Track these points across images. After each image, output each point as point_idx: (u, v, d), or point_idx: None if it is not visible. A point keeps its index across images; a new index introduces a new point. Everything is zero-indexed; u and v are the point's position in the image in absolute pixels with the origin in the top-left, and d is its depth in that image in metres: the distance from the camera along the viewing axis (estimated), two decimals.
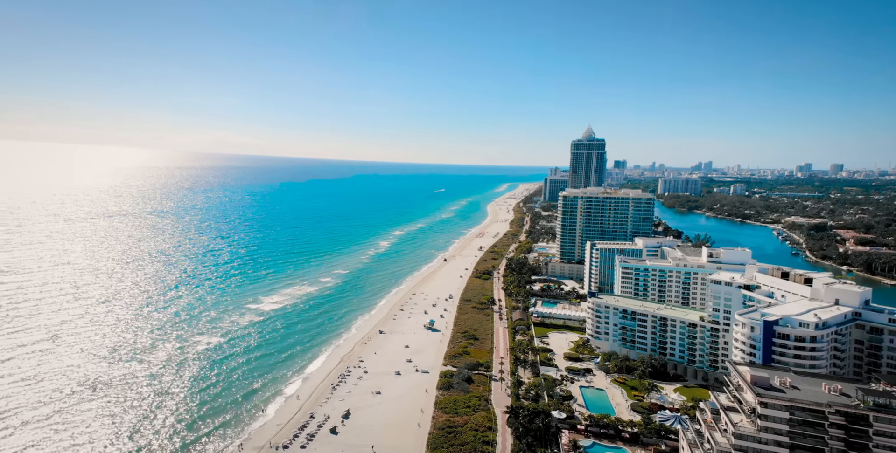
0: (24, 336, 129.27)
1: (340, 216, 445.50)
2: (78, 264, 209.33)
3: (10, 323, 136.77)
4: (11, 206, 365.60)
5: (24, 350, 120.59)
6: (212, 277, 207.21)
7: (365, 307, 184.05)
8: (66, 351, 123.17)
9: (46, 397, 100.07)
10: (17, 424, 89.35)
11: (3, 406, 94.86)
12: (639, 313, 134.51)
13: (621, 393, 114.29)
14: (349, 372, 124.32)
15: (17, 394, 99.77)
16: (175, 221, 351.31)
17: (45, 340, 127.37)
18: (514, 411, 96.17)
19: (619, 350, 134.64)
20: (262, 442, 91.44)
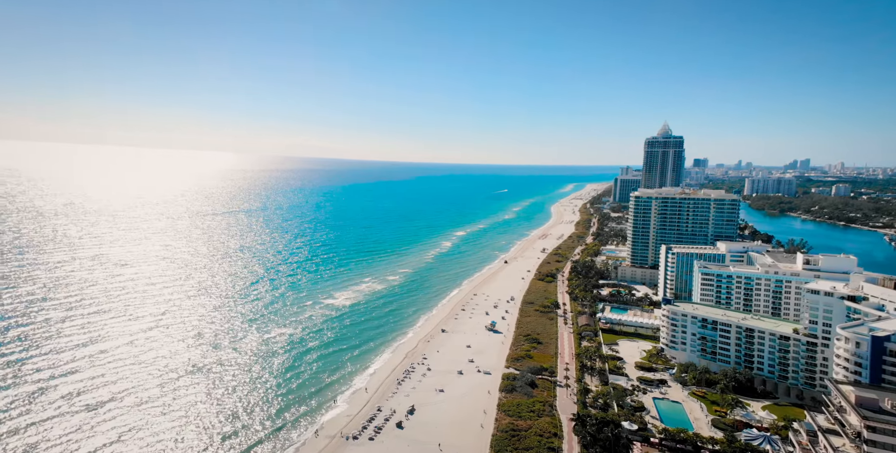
0: (135, 324, 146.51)
1: (406, 216, 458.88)
2: (177, 259, 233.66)
3: (124, 311, 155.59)
4: (124, 206, 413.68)
5: (135, 336, 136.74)
6: (290, 273, 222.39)
7: (428, 306, 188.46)
8: (168, 338, 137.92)
9: (154, 380, 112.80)
10: (131, 404, 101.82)
11: (121, 387, 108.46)
12: (721, 323, 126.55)
13: (700, 407, 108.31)
14: (413, 368, 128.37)
15: (131, 376, 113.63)
16: (259, 220, 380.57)
17: (152, 328, 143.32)
18: (581, 419, 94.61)
19: (697, 361, 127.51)
20: (334, 432, 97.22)
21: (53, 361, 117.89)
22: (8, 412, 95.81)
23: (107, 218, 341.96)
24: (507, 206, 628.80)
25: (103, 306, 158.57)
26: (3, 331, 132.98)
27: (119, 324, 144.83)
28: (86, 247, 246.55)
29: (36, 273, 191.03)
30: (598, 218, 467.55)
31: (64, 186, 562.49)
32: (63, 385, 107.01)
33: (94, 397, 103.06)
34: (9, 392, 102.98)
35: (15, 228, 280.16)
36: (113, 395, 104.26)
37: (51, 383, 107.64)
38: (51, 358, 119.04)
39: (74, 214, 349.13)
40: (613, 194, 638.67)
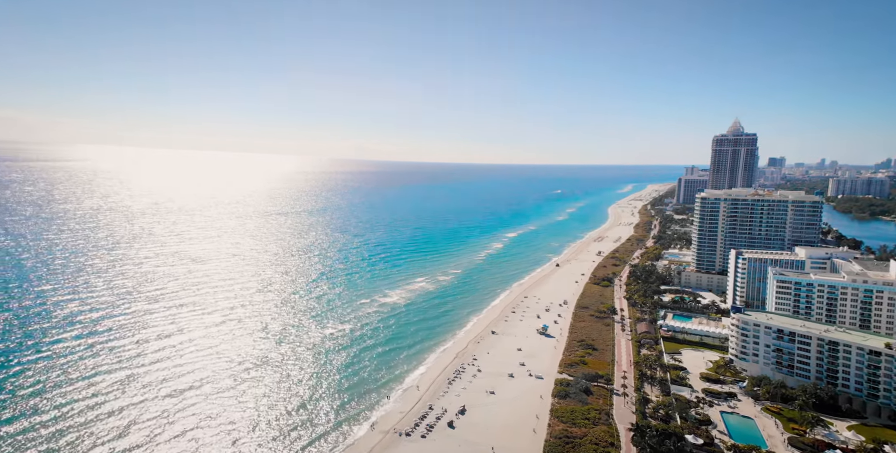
0: (209, 317, 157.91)
1: (458, 217, 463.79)
2: (245, 256, 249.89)
3: (200, 305, 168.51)
4: (199, 206, 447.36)
5: (209, 329, 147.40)
6: (347, 271, 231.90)
7: (478, 307, 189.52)
8: (238, 331, 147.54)
9: (227, 371, 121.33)
10: (208, 392, 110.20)
11: (199, 376, 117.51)
12: (800, 335, 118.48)
13: (775, 424, 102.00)
14: (463, 369, 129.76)
15: (208, 367, 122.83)
16: (318, 220, 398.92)
17: (224, 322, 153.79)
18: (640, 429, 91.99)
19: (772, 375, 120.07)
20: (388, 427, 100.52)
21: (141, 350, 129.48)
22: (106, 395, 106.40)
23: (185, 217, 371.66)
24: (560, 208, 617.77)
25: (182, 299, 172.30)
26: (99, 320, 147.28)
27: (195, 316, 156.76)
28: (168, 243, 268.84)
29: (126, 267, 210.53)
30: (659, 220, 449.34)
31: (149, 187, 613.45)
32: (149, 373, 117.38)
33: (176, 385, 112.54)
34: (105, 376, 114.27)
35: (109, 226, 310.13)
36: (191, 384, 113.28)
37: (139, 370, 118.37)
38: (139, 348, 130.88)
39: (158, 213, 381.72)
40: (676, 195, 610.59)
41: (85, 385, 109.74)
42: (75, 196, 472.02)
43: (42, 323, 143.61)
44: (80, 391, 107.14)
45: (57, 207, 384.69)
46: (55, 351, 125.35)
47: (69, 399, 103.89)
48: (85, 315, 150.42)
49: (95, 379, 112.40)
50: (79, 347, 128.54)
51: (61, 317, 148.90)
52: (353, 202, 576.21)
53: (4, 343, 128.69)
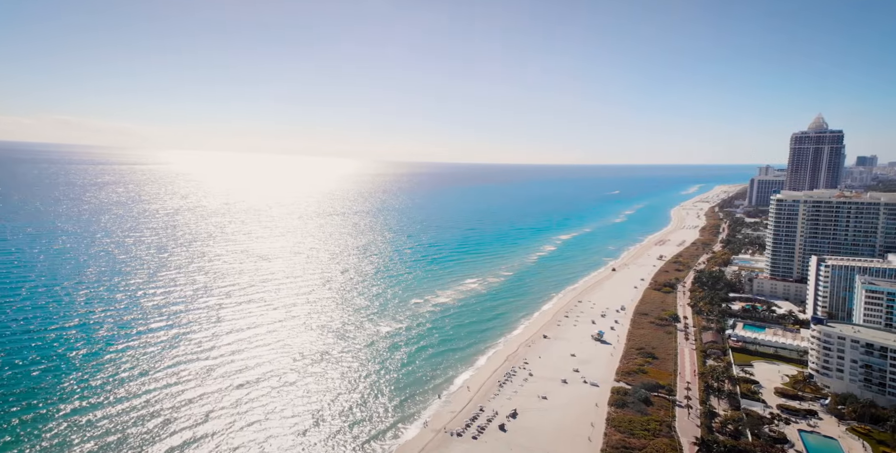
0: (274, 312, 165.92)
1: (509, 219, 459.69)
2: (306, 254, 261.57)
3: (265, 300, 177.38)
4: (265, 206, 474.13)
5: (274, 324, 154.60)
6: (399, 270, 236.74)
7: (529, 309, 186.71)
8: (300, 327, 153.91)
9: (291, 365, 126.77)
10: (276, 385, 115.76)
11: (266, 369, 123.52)
12: (892, 350, 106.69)
13: (863, 446, 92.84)
14: (514, 372, 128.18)
15: (274, 361, 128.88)
16: (373, 220, 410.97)
17: (287, 318, 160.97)
18: (706, 444, 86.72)
19: (859, 392, 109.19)
20: (439, 426, 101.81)
21: (215, 342, 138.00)
22: (187, 383, 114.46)
23: (253, 216, 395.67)
24: (617, 209, 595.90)
25: (251, 295, 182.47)
26: (180, 313, 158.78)
27: (262, 311, 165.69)
28: (238, 241, 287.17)
29: (201, 263, 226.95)
30: (728, 223, 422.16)
31: (221, 189, 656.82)
32: (223, 364, 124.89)
33: (247, 377, 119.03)
34: (186, 366, 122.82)
35: (186, 224, 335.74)
36: (259, 377, 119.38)
37: (215, 361, 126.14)
38: (213, 340, 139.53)
39: (229, 213, 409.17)
40: (748, 197, 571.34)
41: (169, 373, 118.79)
42: (159, 197, 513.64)
43: (133, 313, 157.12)
44: (166, 378, 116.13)
45: (143, 207, 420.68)
46: (144, 340, 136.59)
47: (157, 385, 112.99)
48: (168, 308, 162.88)
49: (178, 368, 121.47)
50: (163, 337, 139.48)
51: (149, 308, 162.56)
52: (405, 203, 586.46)
53: (103, 331, 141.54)
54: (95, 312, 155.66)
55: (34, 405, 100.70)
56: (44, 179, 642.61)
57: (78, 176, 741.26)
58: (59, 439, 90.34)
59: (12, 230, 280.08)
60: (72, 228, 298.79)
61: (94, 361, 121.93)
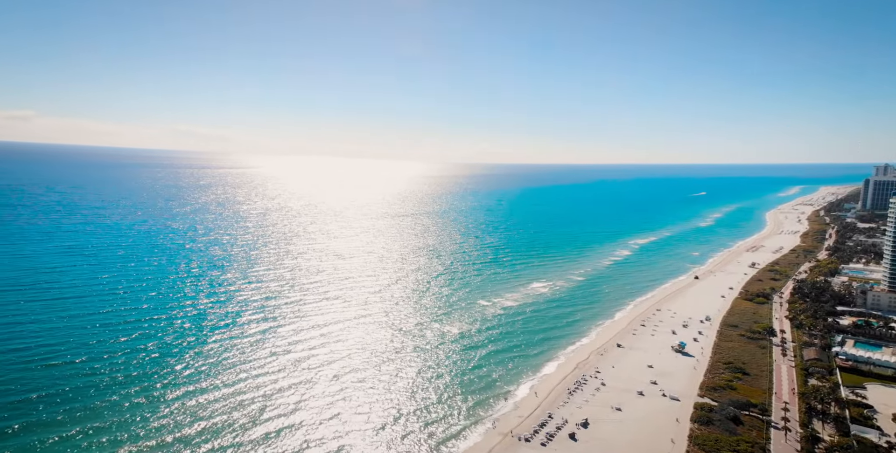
0: (348, 309, 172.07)
1: (580, 221, 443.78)
2: (377, 254, 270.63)
3: (342, 299, 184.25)
4: (341, 208, 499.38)
5: (349, 321, 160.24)
6: (465, 271, 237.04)
7: (601, 316, 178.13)
8: (373, 325, 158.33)
9: (368, 362, 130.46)
10: (355, 380, 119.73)
11: (346, 365, 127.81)
12: None
13: None
14: (585, 380, 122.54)
15: (353, 356, 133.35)
16: (439, 222, 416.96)
17: (361, 316, 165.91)
18: None
19: None
20: (506, 430, 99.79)
21: (299, 337, 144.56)
22: (275, 374, 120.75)
23: (331, 217, 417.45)
24: (703, 212, 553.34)
25: (328, 292, 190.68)
26: (267, 308, 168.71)
27: (338, 308, 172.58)
28: (318, 240, 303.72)
29: (285, 260, 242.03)
30: (836, 228, 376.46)
31: (304, 191, 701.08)
32: (307, 358, 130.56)
33: (329, 371, 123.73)
34: (274, 358, 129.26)
35: (273, 224, 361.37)
36: (338, 372, 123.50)
37: (300, 355, 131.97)
38: (297, 335, 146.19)
39: (311, 213, 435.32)
40: (862, 199, 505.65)
41: (262, 363, 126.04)
42: (250, 198, 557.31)
43: (230, 305, 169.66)
44: (259, 368, 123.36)
45: (238, 207, 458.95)
46: (238, 331, 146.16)
47: (251, 373, 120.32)
48: (258, 302, 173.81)
49: (269, 359, 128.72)
50: (255, 329, 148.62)
51: (242, 301, 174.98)
52: (473, 205, 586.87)
53: (205, 321, 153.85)
54: (198, 303, 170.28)
55: (149, 387, 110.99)
56: (157, 182, 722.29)
57: (184, 179, 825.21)
58: (170, 420, 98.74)
59: (130, 227, 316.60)
60: (178, 226, 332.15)
61: (197, 349, 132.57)
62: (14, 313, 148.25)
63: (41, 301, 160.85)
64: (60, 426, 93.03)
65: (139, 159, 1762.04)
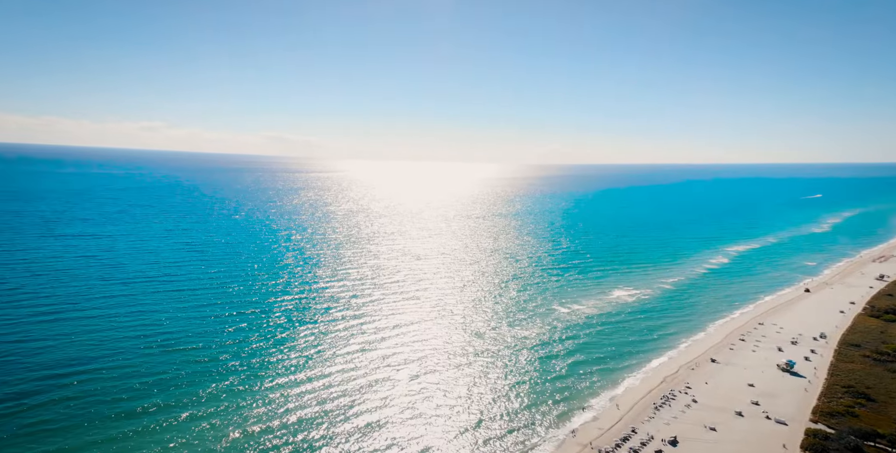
0: (422, 309, 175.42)
1: (667, 225, 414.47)
2: (450, 255, 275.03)
3: (419, 299, 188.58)
4: (417, 209, 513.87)
5: (424, 321, 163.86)
6: (538, 275, 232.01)
7: (692, 328, 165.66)
8: (449, 326, 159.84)
9: (449, 362, 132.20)
10: (435, 381, 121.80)
11: (425, 365, 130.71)
12: None
13: None
14: (674, 395, 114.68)
15: (430, 356, 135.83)
16: (512, 224, 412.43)
17: (436, 317, 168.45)
18: None
19: None
20: (585, 441, 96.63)
21: (381, 335, 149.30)
22: (362, 370, 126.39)
23: (408, 218, 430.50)
24: (818, 216, 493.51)
25: (406, 292, 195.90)
26: (351, 306, 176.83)
27: (415, 308, 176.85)
28: (397, 241, 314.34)
29: (365, 260, 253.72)
30: None
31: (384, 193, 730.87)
32: (389, 355, 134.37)
33: (411, 370, 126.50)
34: (359, 355, 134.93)
35: (357, 225, 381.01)
36: (418, 372, 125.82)
37: (382, 352, 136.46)
38: (378, 333, 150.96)
39: (390, 215, 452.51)
40: None
41: (349, 358, 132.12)
42: (336, 200, 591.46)
43: (318, 302, 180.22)
44: (346, 363, 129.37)
45: (325, 209, 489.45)
46: (325, 328, 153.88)
47: (339, 368, 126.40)
48: (344, 300, 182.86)
49: (354, 355, 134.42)
50: (341, 326, 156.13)
51: (329, 298, 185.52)
52: (546, 207, 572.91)
53: (297, 315, 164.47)
54: (293, 298, 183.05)
55: (252, 376, 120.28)
56: (258, 185, 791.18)
57: (279, 182, 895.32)
58: (270, 408, 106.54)
59: (235, 225, 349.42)
60: (275, 225, 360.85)
61: (292, 341, 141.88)
62: (141, 302, 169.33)
63: (162, 292, 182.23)
64: (174, 409, 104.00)
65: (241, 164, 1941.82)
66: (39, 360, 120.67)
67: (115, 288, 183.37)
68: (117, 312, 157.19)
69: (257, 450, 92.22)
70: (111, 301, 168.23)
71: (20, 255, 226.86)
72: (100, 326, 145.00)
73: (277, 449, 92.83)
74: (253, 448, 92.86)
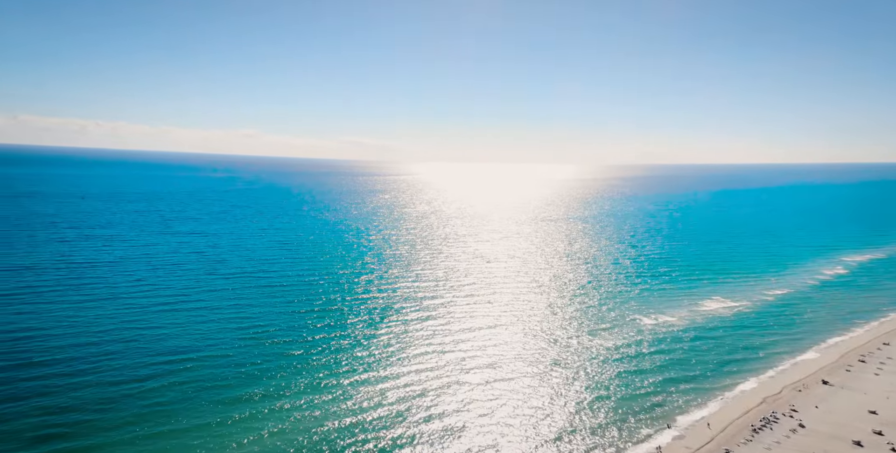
0: (501, 315, 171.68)
1: (770, 231, 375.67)
2: (520, 258, 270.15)
3: (491, 302, 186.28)
4: (488, 212, 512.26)
5: (500, 328, 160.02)
6: (617, 282, 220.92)
7: (800, 345, 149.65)
8: (520, 331, 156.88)
9: (524, 369, 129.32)
10: (509, 388, 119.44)
11: (496, 371, 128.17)
12: None
13: None
14: (776, 418, 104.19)
15: (503, 363, 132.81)
16: (589, 227, 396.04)
17: (513, 322, 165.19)
18: None
19: None
20: None
21: (453, 338, 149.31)
22: (437, 371, 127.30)
23: (479, 221, 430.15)
24: None
25: (478, 296, 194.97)
26: (422, 308, 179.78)
27: (485, 311, 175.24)
28: (467, 243, 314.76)
29: (440, 261, 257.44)
30: None
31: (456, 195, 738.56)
32: (462, 360, 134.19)
33: (483, 376, 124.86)
34: (433, 356, 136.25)
35: (430, 226, 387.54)
36: (490, 378, 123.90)
37: (454, 355, 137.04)
38: (451, 336, 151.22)
39: (462, 217, 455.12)
40: None
41: (422, 359, 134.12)
42: (411, 202, 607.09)
43: (394, 301, 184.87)
44: (420, 363, 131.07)
45: (400, 211, 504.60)
46: (402, 328, 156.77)
47: (414, 368, 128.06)
48: (417, 301, 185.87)
49: (429, 356, 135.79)
50: (415, 327, 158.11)
51: (402, 297, 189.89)
52: (629, 210, 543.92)
53: (376, 314, 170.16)
54: (371, 296, 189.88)
55: (335, 372, 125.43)
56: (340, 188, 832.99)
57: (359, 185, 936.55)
58: (352, 404, 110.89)
59: (321, 225, 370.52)
60: (355, 225, 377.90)
61: (371, 340, 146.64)
62: (240, 296, 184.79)
63: (256, 287, 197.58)
64: (268, 399, 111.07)
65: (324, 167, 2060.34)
66: (157, 347, 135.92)
67: (219, 282, 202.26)
68: (220, 305, 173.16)
69: (344, 444, 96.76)
70: (215, 294, 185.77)
71: (143, 250, 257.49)
72: (205, 317, 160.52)
73: (365, 443, 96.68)
74: (340, 441, 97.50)
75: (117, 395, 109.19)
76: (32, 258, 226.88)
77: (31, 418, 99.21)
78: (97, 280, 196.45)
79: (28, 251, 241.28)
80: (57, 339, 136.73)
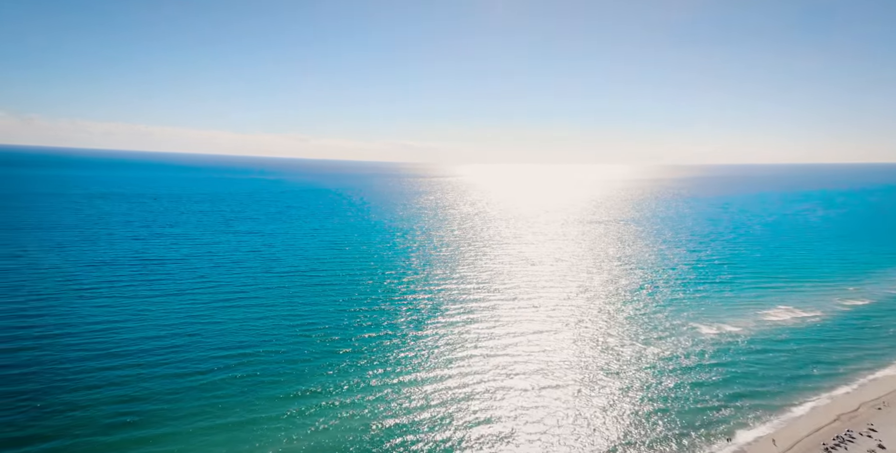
0: (547, 320, 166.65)
1: (847, 236, 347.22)
2: (567, 261, 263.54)
3: (534, 306, 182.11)
4: (532, 213, 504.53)
5: (544, 333, 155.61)
6: (672, 288, 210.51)
7: (879, 359, 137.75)
8: (567, 337, 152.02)
9: (574, 377, 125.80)
10: (557, 396, 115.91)
11: (544, 378, 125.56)
12: None
13: None
14: (851, 437, 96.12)
15: (549, 370, 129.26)
16: (642, 230, 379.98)
17: (562, 328, 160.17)
18: None
19: None
20: None
21: (499, 342, 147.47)
22: (482, 375, 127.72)
23: (523, 222, 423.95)
24: None
25: (522, 299, 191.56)
26: (465, 310, 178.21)
27: (530, 315, 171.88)
28: (511, 245, 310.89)
29: (484, 263, 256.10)
30: None
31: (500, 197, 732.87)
32: (509, 365, 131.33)
33: (529, 382, 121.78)
34: (477, 360, 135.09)
35: (473, 228, 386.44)
36: (536, 385, 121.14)
37: (500, 360, 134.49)
38: (496, 339, 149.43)
39: (505, 219, 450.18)
40: None
41: (467, 362, 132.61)
42: (455, 204, 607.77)
43: (438, 302, 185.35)
44: (466, 366, 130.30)
45: (444, 212, 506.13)
46: (446, 330, 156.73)
47: (460, 371, 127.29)
48: (461, 303, 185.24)
49: (473, 359, 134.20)
50: (459, 329, 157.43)
51: (446, 299, 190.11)
52: (685, 212, 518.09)
53: (420, 314, 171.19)
54: (415, 297, 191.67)
55: (381, 372, 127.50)
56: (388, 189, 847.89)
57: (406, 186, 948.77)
58: (398, 404, 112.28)
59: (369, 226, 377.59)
60: (401, 226, 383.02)
61: (415, 340, 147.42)
62: (293, 294, 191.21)
63: (308, 285, 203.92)
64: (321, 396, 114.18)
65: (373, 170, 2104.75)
66: (217, 342, 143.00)
67: (274, 280, 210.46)
68: (275, 302, 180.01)
69: (391, 445, 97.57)
70: (270, 292, 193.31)
71: (206, 248, 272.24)
72: (261, 314, 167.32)
73: (412, 444, 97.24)
74: (387, 442, 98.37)
75: (181, 387, 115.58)
76: (111, 254, 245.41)
77: (105, 406, 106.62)
78: (165, 276, 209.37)
79: (107, 248, 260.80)
80: (129, 332, 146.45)
